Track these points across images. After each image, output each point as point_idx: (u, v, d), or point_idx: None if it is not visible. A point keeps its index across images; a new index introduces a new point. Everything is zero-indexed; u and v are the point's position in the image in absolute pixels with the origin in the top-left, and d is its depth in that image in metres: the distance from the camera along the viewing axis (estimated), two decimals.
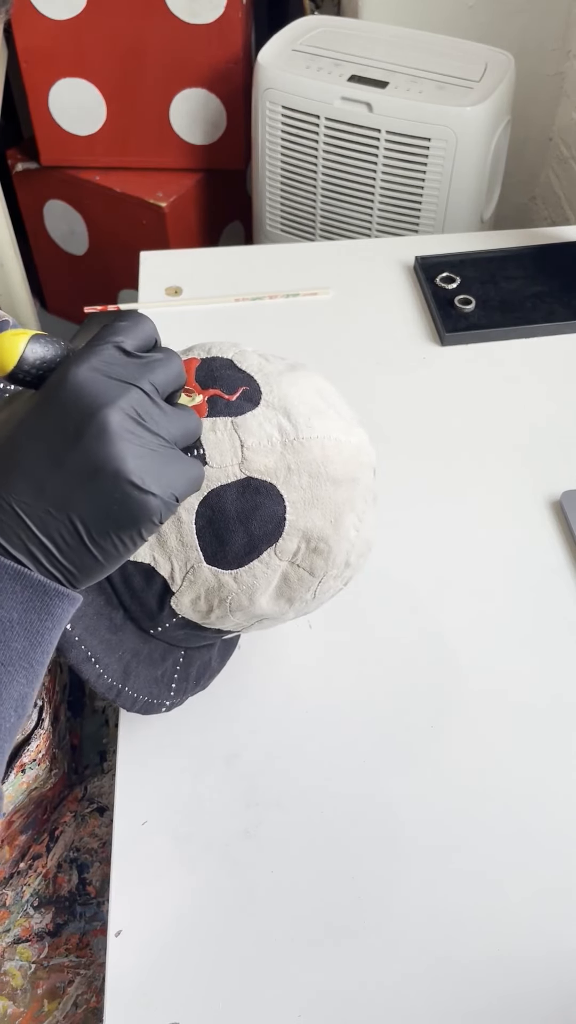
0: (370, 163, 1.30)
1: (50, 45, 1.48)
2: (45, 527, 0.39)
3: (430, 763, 0.65)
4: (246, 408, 0.53)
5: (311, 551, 0.54)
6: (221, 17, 1.42)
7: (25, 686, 0.40)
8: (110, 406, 0.39)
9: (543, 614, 0.73)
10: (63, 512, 0.39)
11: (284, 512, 0.52)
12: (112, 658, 0.55)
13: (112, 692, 0.55)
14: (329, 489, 0.53)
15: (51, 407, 0.40)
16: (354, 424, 0.56)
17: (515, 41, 1.52)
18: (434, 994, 0.55)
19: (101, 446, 0.38)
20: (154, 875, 0.59)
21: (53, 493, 0.39)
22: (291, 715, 0.67)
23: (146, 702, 0.57)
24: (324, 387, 0.57)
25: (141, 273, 1.05)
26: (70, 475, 0.39)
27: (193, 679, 0.61)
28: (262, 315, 1.00)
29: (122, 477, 0.39)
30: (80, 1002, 0.64)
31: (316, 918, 0.58)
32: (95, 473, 0.39)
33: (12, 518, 0.39)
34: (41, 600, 0.39)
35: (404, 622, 0.73)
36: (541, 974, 0.56)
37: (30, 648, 0.40)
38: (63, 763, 0.72)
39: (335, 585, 0.58)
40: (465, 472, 0.84)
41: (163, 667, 0.58)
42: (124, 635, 0.55)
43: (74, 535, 0.39)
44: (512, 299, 1.01)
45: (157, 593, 0.54)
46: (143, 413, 0.40)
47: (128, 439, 0.39)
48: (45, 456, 0.39)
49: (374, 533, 0.58)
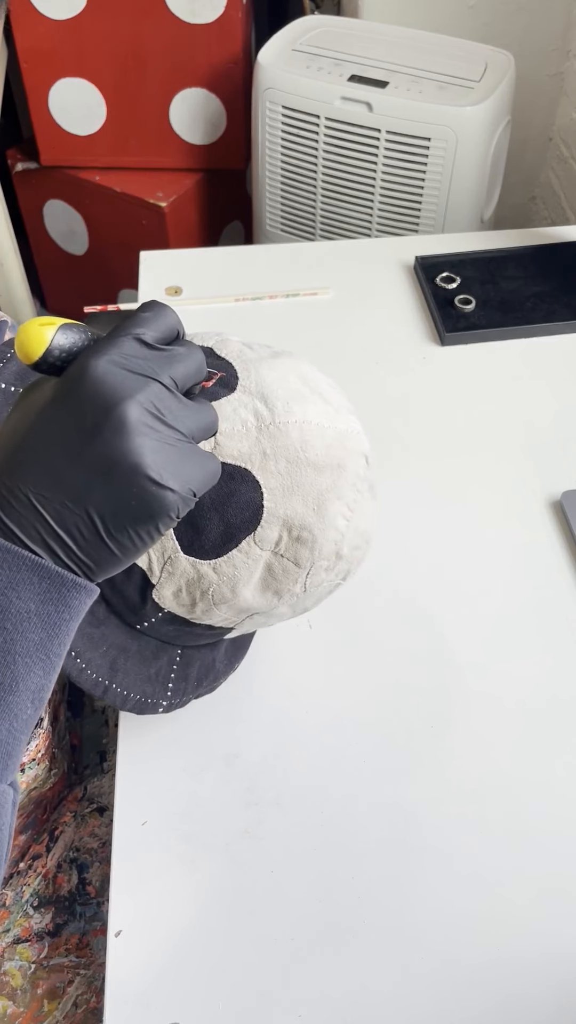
0: (370, 163, 1.30)
1: (50, 45, 1.48)
2: (62, 520, 0.39)
3: (430, 763, 0.65)
4: (221, 394, 0.52)
5: (294, 540, 0.52)
6: (221, 17, 1.42)
7: (42, 678, 0.40)
8: (129, 400, 0.39)
9: (543, 614, 0.73)
10: (80, 505, 0.39)
11: (261, 499, 0.51)
12: (95, 653, 0.54)
13: (99, 688, 0.54)
14: (310, 475, 0.52)
15: (69, 400, 0.39)
16: (343, 411, 0.55)
17: (515, 41, 1.52)
18: (434, 994, 0.55)
19: (119, 441, 0.38)
20: (154, 875, 0.59)
21: (71, 486, 0.39)
22: (291, 715, 0.67)
23: (139, 701, 0.56)
24: (308, 373, 0.55)
25: (141, 273, 1.05)
26: (88, 469, 0.39)
27: (194, 680, 0.60)
28: (262, 315, 1.00)
29: (140, 472, 0.38)
30: (80, 1002, 0.64)
31: (316, 918, 0.58)
32: (113, 467, 0.39)
33: (29, 510, 0.39)
34: (58, 591, 0.39)
35: (403, 622, 0.73)
36: (541, 974, 0.56)
37: (47, 639, 0.40)
38: (63, 763, 0.72)
39: (328, 578, 0.56)
40: (465, 472, 0.84)
41: (156, 665, 0.57)
42: (107, 629, 0.54)
43: (91, 529, 0.39)
44: (512, 299, 1.01)
45: (137, 585, 0.53)
46: (162, 407, 0.40)
47: (146, 433, 0.39)
48: (63, 449, 0.39)
49: (371, 524, 0.57)
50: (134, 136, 1.59)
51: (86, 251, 1.78)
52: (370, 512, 0.56)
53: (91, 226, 1.73)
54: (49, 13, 1.44)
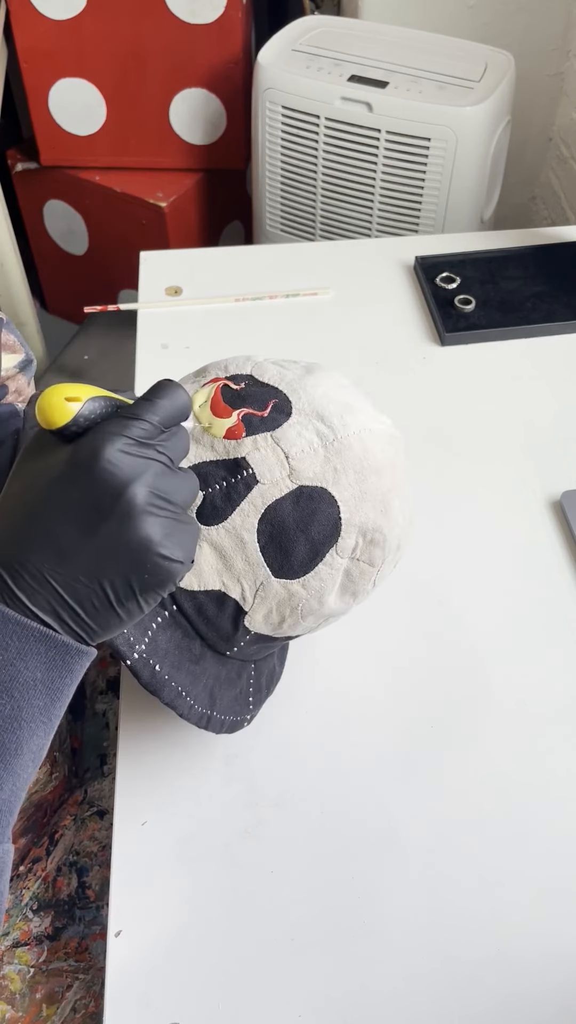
0: (370, 163, 1.30)
1: (50, 45, 1.48)
2: (75, 593, 0.42)
3: (430, 763, 0.65)
4: (281, 420, 0.54)
5: (368, 543, 0.55)
6: (221, 17, 1.42)
7: (43, 738, 0.43)
8: (136, 483, 0.41)
9: (543, 614, 0.73)
10: (94, 580, 0.41)
11: (339, 512, 0.53)
12: (198, 688, 0.55)
13: (203, 720, 0.56)
14: (374, 480, 0.54)
15: (81, 480, 0.41)
16: (377, 411, 0.58)
17: (515, 41, 1.52)
18: (434, 994, 0.55)
19: (131, 521, 0.41)
20: (154, 875, 0.59)
21: (84, 562, 0.41)
22: (291, 715, 0.67)
23: (232, 721, 0.58)
24: (343, 382, 0.58)
25: (141, 273, 1.05)
26: (101, 546, 0.41)
27: (264, 688, 0.62)
28: (262, 315, 1.00)
29: (152, 550, 0.41)
30: (79, 1007, 0.64)
31: (316, 918, 0.58)
32: (127, 546, 0.41)
33: (42, 584, 0.41)
34: (63, 659, 0.42)
35: (403, 622, 0.73)
36: (541, 974, 0.56)
37: (50, 704, 0.42)
38: (63, 766, 0.72)
39: (389, 569, 0.59)
40: (465, 472, 0.84)
41: (240, 684, 0.59)
42: (206, 663, 0.56)
43: (103, 600, 0.42)
44: (512, 299, 1.01)
45: (231, 616, 0.54)
46: (162, 486, 0.42)
47: (153, 512, 0.42)
48: (75, 527, 0.41)
49: (411, 508, 0.59)
50: (134, 136, 1.60)
51: (86, 251, 1.78)
52: (409, 497, 0.59)
53: (91, 226, 1.73)
54: (49, 13, 1.44)
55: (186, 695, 0.54)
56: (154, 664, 0.52)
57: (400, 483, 0.57)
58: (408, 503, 0.58)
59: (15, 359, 0.83)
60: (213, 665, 0.56)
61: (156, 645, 0.52)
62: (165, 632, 0.53)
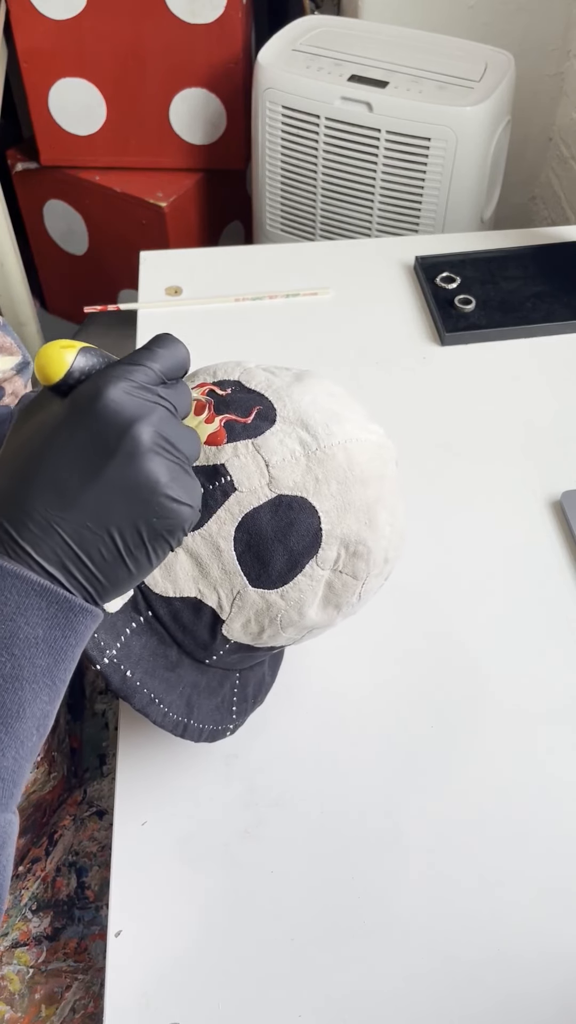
0: (370, 163, 1.30)
1: (50, 45, 1.48)
2: (82, 542, 0.40)
3: (430, 763, 0.65)
4: (264, 427, 0.53)
5: (351, 556, 0.54)
6: (221, 17, 1.42)
7: (48, 704, 0.41)
8: (142, 421, 0.40)
9: (543, 614, 0.73)
10: (101, 527, 0.40)
11: (319, 523, 0.52)
12: (174, 695, 0.55)
13: (179, 728, 0.55)
14: (359, 491, 0.53)
15: (83, 421, 0.40)
16: (369, 421, 0.56)
17: (515, 41, 1.52)
18: (434, 994, 0.55)
19: (137, 460, 0.40)
20: (154, 875, 0.59)
21: (90, 507, 0.40)
22: (291, 716, 0.67)
23: (212, 730, 0.58)
24: (334, 390, 0.57)
25: (141, 273, 1.05)
26: (107, 489, 0.39)
27: (251, 698, 0.61)
28: (262, 315, 1.00)
29: (159, 491, 0.40)
30: (78, 1007, 0.64)
31: (316, 918, 0.58)
32: (132, 487, 0.40)
33: (48, 532, 0.39)
34: (66, 617, 0.40)
35: (403, 622, 0.73)
36: (541, 974, 0.56)
37: (53, 665, 0.40)
38: (62, 766, 0.72)
39: (377, 583, 0.58)
40: (465, 472, 0.84)
41: (221, 693, 0.58)
42: (182, 670, 0.55)
43: (111, 548, 0.40)
44: (512, 299, 1.01)
45: (207, 624, 0.54)
46: (167, 432, 0.41)
47: (159, 453, 0.40)
48: (79, 470, 0.40)
49: (405, 522, 0.58)
50: (134, 136, 1.59)
51: (86, 251, 1.78)
52: (404, 511, 0.58)
53: (91, 226, 1.73)
54: (49, 13, 1.44)
55: (159, 702, 0.53)
56: (125, 669, 0.51)
57: (387, 494, 0.55)
58: (400, 516, 0.57)
59: (12, 361, 0.83)
60: (191, 673, 0.56)
61: (129, 650, 0.52)
62: (140, 638, 0.53)
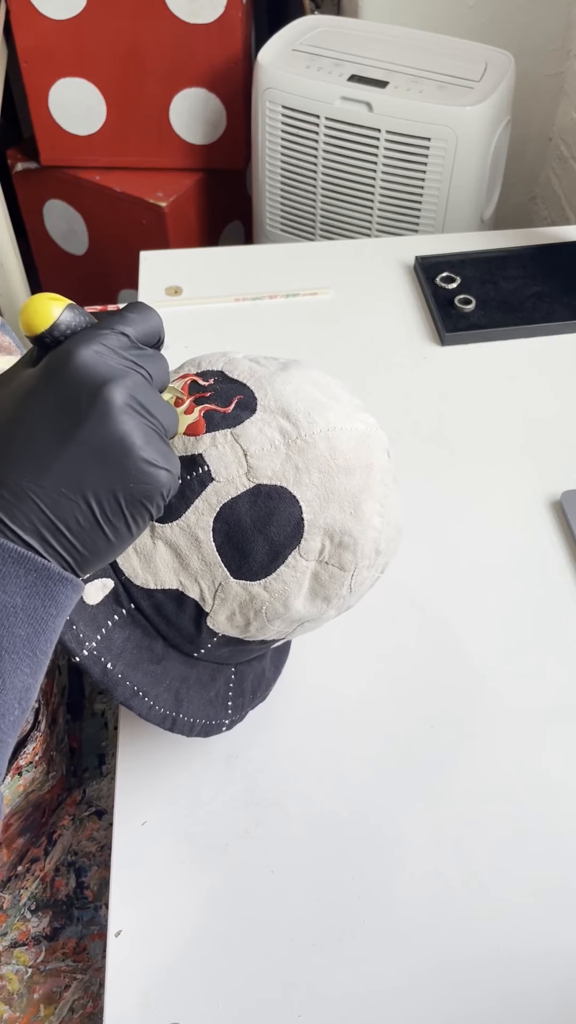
0: (370, 163, 1.30)
1: (50, 45, 1.48)
2: (58, 509, 0.39)
3: (430, 763, 0.65)
4: (243, 417, 0.52)
5: (337, 546, 0.53)
6: (221, 17, 1.42)
7: (29, 676, 0.39)
8: (115, 382, 0.39)
9: (543, 614, 0.73)
10: (77, 492, 0.39)
11: (301, 512, 0.51)
12: (160, 688, 0.54)
13: (167, 721, 0.55)
14: (343, 480, 0.52)
15: (54, 383, 0.39)
16: (359, 410, 0.55)
17: (515, 41, 1.52)
18: (434, 994, 0.55)
19: (109, 420, 0.38)
20: (154, 875, 0.59)
21: (64, 472, 0.38)
22: (291, 715, 0.67)
23: (205, 725, 0.57)
24: (320, 379, 0.56)
25: (141, 273, 1.05)
26: (81, 452, 0.38)
27: (249, 693, 0.61)
28: (262, 315, 1.00)
29: (134, 453, 0.39)
30: (76, 1007, 0.64)
31: (316, 918, 0.58)
32: (106, 450, 0.39)
33: (23, 501, 0.38)
34: (45, 585, 0.39)
35: (403, 622, 0.73)
36: (541, 974, 0.56)
37: (34, 635, 0.39)
38: (61, 766, 0.71)
39: (370, 575, 0.57)
40: (465, 472, 0.84)
41: (215, 687, 0.58)
42: (169, 663, 0.55)
43: (88, 515, 0.39)
44: (512, 299, 1.01)
45: (191, 616, 0.53)
46: (141, 397, 0.40)
47: (132, 415, 0.39)
48: (53, 435, 0.39)
49: (400, 514, 0.57)
50: (134, 136, 1.59)
51: (86, 251, 1.78)
52: (398, 503, 0.57)
53: (91, 226, 1.73)
54: (49, 13, 1.44)
55: (143, 695, 0.53)
56: (105, 662, 0.51)
57: (375, 484, 0.54)
58: (393, 507, 0.56)
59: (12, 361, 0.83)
60: (179, 666, 0.55)
61: (110, 643, 0.51)
62: (122, 631, 0.52)
